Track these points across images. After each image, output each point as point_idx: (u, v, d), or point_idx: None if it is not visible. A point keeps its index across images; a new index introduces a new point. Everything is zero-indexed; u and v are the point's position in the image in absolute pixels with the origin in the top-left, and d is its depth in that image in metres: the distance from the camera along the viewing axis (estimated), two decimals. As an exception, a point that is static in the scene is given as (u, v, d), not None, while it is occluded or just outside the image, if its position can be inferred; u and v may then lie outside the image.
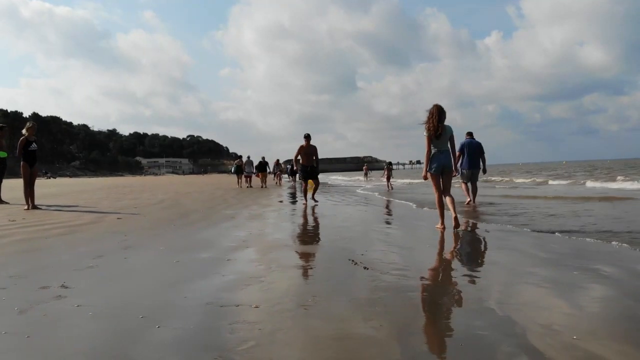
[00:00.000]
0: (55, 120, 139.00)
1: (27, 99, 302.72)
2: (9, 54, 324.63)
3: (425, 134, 6.07)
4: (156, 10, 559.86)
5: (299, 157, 11.11)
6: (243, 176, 24.34)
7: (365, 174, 38.81)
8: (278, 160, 31.56)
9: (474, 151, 10.48)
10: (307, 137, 11.07)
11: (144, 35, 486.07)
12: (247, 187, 23.50)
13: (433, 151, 6.11)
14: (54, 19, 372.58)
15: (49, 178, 55.04)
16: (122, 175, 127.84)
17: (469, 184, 10.69)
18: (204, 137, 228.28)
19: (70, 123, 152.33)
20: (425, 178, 6.29)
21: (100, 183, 33.05)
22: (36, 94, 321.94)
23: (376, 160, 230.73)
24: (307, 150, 11.05)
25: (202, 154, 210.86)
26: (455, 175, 6.34)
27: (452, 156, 6.21)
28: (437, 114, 5.99)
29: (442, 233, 5.87)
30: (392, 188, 21.11)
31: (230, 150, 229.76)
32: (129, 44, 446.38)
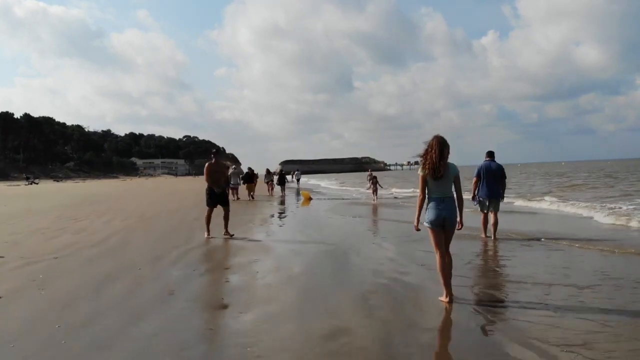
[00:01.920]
0: (47, 121, 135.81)
1: (22, 99, 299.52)
2: (3, 53, 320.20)
3: (419, 172, 4.75)
4: (150, 10, 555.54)
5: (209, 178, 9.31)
6: (230, 188, 22.39)
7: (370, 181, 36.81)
8: (268, 170, 28.90)
9: (493, 176, 8.94)
10: (216, 153, 9.48)
11: (138, 34, 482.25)
12: (234, 199, 22.08)
13: (431, 197, 4.74)
14: (48, 18, 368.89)
15: (31, 184, 51.87)
16: (116, 177, 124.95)
17: (489, 215, 8.99)
18: (201, 138, 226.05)
19: (64, 124, 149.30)
20: (417, 229, 4.90)
21: (74, 192, 30.04)
22: (31, 93, 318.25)
23: (374, 161, 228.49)
24: (216, 168, 9.39)
25: (198, 155, 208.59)
26: (460, 229, 4.84)
27: (459, 205, 4.79)
28: (438, 147, 4.66)
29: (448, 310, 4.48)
30: (376, 199, 20.34)
31: (227, 151, 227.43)
32: (124, 43, 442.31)
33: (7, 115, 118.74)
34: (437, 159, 4.63)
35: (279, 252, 7.87)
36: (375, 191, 21.02)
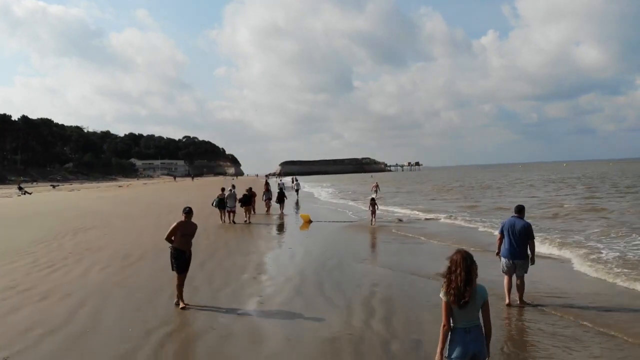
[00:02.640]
0: (46, 123, 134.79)
1: (22, 98, 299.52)
2: (3, 52, 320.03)
3: (442, 297, 4.03)
4: (150, 9, 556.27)
5: (173, 237, 8.33)
6: (227, 211, 21.94)
7: (376, 191, 36.42)
8: (268, 185, 27.73)
9: (517, 235, 8.17)
10: (188, 213, 8.51)
11: (138, 34, 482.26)
12: (230, 223, 21.44)
13: (455, 327, 4.01)
14: (47, 18, 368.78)
15: (24, 194, 50.52)
16: (115, 179, 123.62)
17: (514, 277, 8.33)
18: (201, 138, 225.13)
19: (62, 125, 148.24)
20: None
21: (66, 207, 28.65)
22: (31, 93, 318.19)
23: (375, 162, 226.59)
24: (187, 229, 8.39)
25: (198, 155, 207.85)
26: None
27: (487, 336, 4.04)
28: (464, 268, 3.90)
29: None
30: (375, 221, 20.19)
31: (227, 151, 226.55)
32: (123, 43, 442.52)
33: (5, 117, 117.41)
34: (463, 284, 3.89)
35: (272, 344, 6.64)
36: (373, 212, 20.48)
